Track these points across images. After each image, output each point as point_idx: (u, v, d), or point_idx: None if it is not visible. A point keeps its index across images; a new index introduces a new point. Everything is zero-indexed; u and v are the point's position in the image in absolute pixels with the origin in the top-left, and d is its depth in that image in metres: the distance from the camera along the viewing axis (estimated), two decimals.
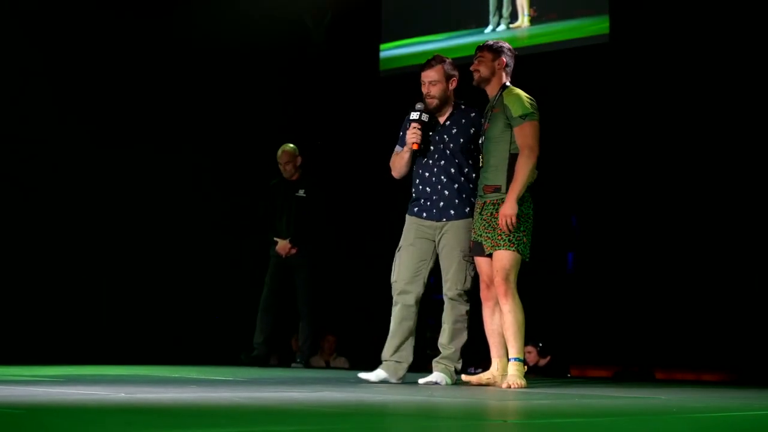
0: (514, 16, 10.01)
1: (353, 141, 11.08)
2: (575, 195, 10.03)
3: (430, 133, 6.10)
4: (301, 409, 4.11)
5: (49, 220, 9.90)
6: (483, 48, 5.97)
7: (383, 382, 5.99)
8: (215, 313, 10.59)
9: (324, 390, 5.26)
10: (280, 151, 8.77)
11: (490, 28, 10.10)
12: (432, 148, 6.09)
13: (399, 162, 6.16)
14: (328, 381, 6.34)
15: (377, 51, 10.96)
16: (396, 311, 6.10)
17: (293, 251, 8.70)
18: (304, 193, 8.73)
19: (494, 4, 10.10)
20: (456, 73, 6.10)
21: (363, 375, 6.04)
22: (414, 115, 6.04)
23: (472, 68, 5.95)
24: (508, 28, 10.02)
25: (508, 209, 5.65)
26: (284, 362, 10.87)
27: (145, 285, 10.22)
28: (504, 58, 5.92)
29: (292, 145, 8.80)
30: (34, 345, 9.33)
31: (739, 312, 8.84)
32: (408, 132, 6.04)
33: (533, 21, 9.90)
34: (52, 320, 9.73)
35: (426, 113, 6.04)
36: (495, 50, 5.93)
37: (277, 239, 8.73)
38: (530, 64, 9.74)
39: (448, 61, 6.11)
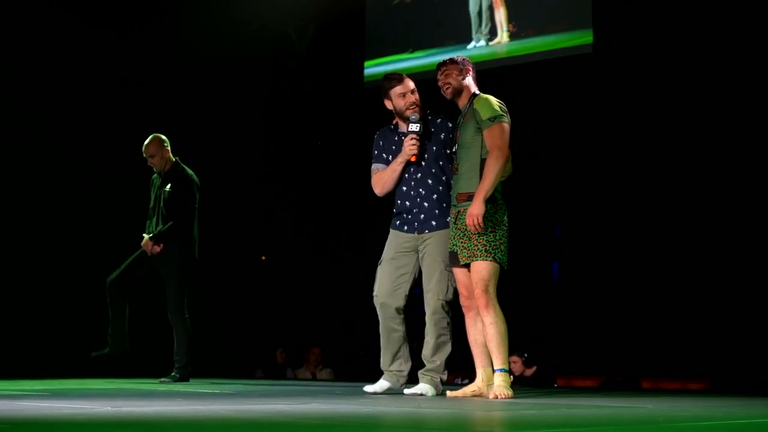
0: (493, 33, 10.03)
1: (336, 152, 11.11)
2: (559, 204, 10.06)
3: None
4: (289, 421, 4.11)
5: (30, 232, 9.88)
6: (446, 63, 5.95)
7: (388, 391, 6.07)
8: (196, 325, 10.55)
9: (311, 402, 5.25)
10: (144, 145, 8.00)
11: (472, 44, 10.12)
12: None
13: (391, 177, 6.15)
14: (315, 393, 6.33)
15: (361, 62, 10.98)
16: (381, 325, 6.17)
17: (156, 249, 7.85)
18: (171, 187, 7.97)
19: (475, 22, 10.13)
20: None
21: (368, 388, 6.08)
22: (413, 127, 6.05)
23: (441, 83, 5.92)
24: (488, 44, 10.04)
25: (475, 209, 5.63)
26: (270, 374, 10.88)
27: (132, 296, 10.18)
28: (468, 68, 5.94)
29: (159, 136, 8.06)
30: (19, 359, 9.30)
31: (724, 321, 8.87)
32: (406, 143, 6.04)
33: (512, 37, 9.92)
34: (35, 334, 9.70)
35: (418, 123, 6.05)
36: (458, 62, 5.94)
37: (144, 235, 7.99)
38: (513, 75, 9.82)
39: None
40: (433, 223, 6.07)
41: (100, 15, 10.32)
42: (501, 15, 9.96)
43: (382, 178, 6.18)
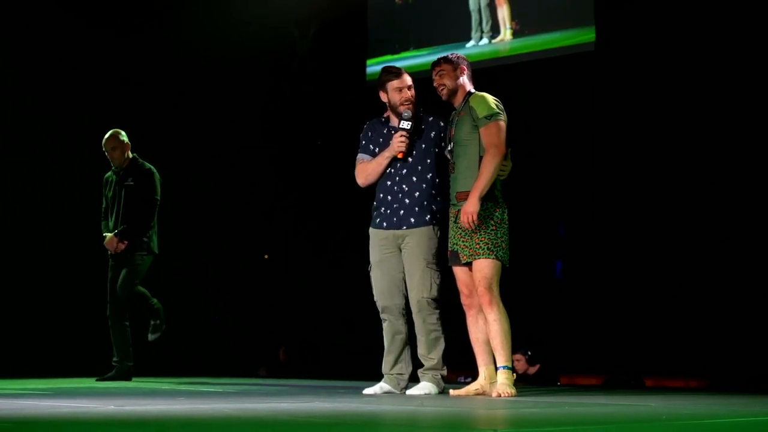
0: (495, 30, 10.01)
1: (335, 151, 11.09)
2: (562, 203, 10.05)
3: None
4: (292, 420, 4.11)
5: (35, 231, 9.89)
6: (440, 62, 5.93)
7: (388, 393, 6.06)
8: (197, 324, 10.56)
9: (314, 401, 5.26)
10: (104, 138, 7.96)
11: (472, 42, 10.11)
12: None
13: (375, 169, 6.15)
14: (318, 392, 6.33)
15: (363, 61, 10.98)
16: (385, 327, 6.17)
17: (122, 246, 7.78)
18: (132, 181, 7.87)
19: (476, 20, 10.11)
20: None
21: (367, 390, 6.07)
22: (404, 124, 6.06)
23: (436, 84, 5.91)
24: (490, 42, 10.02)
25: (470, 207, 5.63)
26: (273, 373, 10.87)
27: None
28: (463, 66, 5.93)
29: (118, 131, 7.99)
30: (21, 358, 9.30)
31: (726, 320, 8.86)
32: (395, 139, 6.05)
33: (515, 34, 9.91)
34: (37, 333, 9.70)
35: (410, 121, 6.06)
36: (453, 61, 5.92)
37: (106, 234, 7.89)
38: (515, 73, 9.81)
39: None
40: (412, 220, 6.06)
41: (100, 15, 10.32)
42: (504, 12, 9.95)
43: (367, 170, 6.19)
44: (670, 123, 9.30)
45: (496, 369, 5.70)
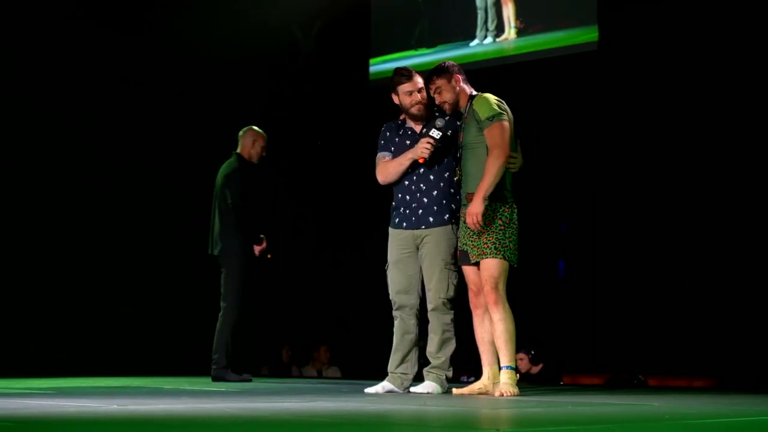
0: (500, 29, 10.00)
1: (344, 149, 11.09)
2: (565, 202, 10.05)
3: (408, 142, 6.14)
4: (294, 419, 4.11)
5: (35, 231, 9.89)
6: (433, 79, 5.91)
7: (390, 392, 6.05)
8: (199, 323, 10.53)
9: (317, 400, 5.25)
10: (261, 132, 7.78)
11: (476, 41, 10.10)
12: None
13: (396, 169, 6.12)
14: (321, 391, 6.33)
15: (366, 60, 10.97)
16: (396, 326, 6.18)
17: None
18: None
19: (481, 18, 10.11)
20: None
21: (369, 389, 6.06)
22: (434, 133, 6.01)
23: (437, 102, 5.94)
24: (495, 41, 10.02)
25: (474, 208, 5.64)
26: (275, 373, 10.88)
27: (136, 294, 10.19)
28: (457, 75, 5.92)
29: None
30: (25, 357, 9.30)
31: (729, 319, 8.85)
32: (421, 144, 5.99)
33: (520, 33, 9.91)
34: (39, 333, 9.70)
35: (440, 132, 5.99)
36: (445, 72, 5.91)
37: (262, 237, 7.70)
38: (519, 72, 9.81)
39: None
40: (431, 219, 6.06)
41: (101, 15, 10.31)
42: (509, 11, 9.95)
43: (387, 169, 6.17)
44: (673, 122, 9.29)
45: (500, 369, 5.70)
